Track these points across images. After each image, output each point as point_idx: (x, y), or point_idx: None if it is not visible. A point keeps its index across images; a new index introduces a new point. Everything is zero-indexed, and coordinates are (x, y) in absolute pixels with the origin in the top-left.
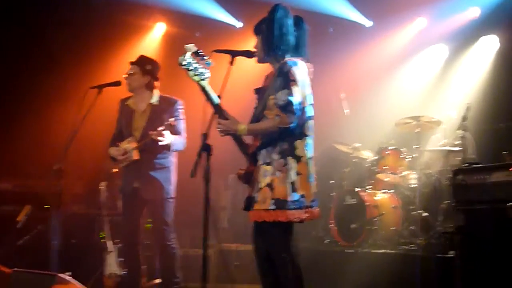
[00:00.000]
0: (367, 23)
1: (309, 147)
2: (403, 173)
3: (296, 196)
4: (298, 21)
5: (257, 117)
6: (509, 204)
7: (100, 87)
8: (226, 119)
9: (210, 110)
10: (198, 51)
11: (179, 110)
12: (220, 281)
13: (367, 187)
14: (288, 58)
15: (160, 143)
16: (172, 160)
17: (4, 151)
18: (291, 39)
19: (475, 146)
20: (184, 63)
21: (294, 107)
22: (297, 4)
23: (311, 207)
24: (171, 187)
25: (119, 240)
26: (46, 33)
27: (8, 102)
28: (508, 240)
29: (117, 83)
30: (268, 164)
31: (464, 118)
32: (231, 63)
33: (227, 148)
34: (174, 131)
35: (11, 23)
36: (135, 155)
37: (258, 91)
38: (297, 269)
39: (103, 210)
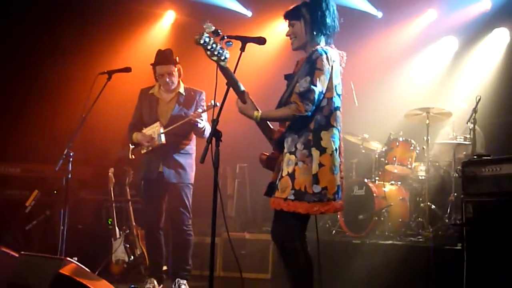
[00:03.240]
0: (378, 14)
1: (335, 139)
2: (412, 165)
3: (317, 189)
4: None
5: (284, 103)
6: None
7: (110, 73)
8: (245, 102)
9: (220, 97)
10: (218, 31)
11: (203, 100)
12: (226, 270)
13: (376, 178)
14: (320, 46)
15: (198, 125)
16: (194, 148)
17: (13, 136)
18: (335, 24)
19: (484, 138)
20: (201, 41)
21: (314, 95)
22: None
23: (333, 200)
24: (193, 173)
25: (125, 227)
26: (56, 20)
27: (17, 88)
28: None
29: (127, 69)
30: (292, 153)
31: (475, 111)
32: (242, 49)
33: (236, 137)
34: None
35: (21, 11)
36: (163, 139)
37: (287, 77)
38: (308, 260)
39: (111, 196)
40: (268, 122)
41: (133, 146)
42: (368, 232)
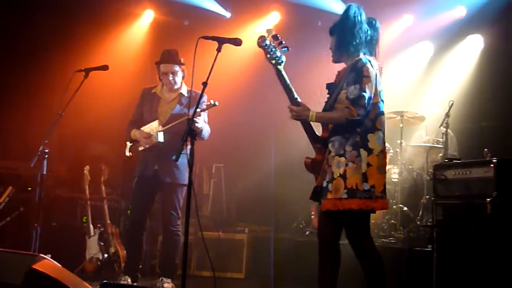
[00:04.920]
0: None
1: (380, 141)
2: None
3: (367, 186)
4: (371, 21)
5: (327, 110)
6: (488, 199)
7: (87, 70)
8: (298, 105)
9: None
10: (277, 36)
11: (205, 103)
12: (200, 269)
13: None
14: (362, 56)
15: (196, 124)
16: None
17: None
18: (363, 36)
19: (456, 142)
20: (263, 44)
21: (364, 101)
22: None
23: (381, 197)
24: (187, 174)
25: (100, 224)
26: (34, 16)
27: None
28: (485, 235)
29: (104, 67)
30: (341, 155)
31: (447, 115)
32: (219, 49)
33: (212, 137)
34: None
35: None
36: (161, 137)
37: (329, 86)
38: (377, 257)
39: (86, 194)
40: (313, 127)
41: (131, 143)
42: (342, 233)
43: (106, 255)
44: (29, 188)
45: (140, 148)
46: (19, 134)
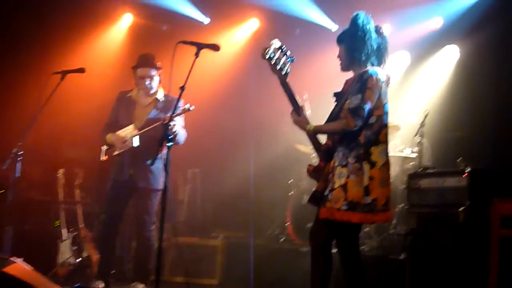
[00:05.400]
0: (333, 26)
1: (383, 154)
2: None
3: (368, 200)
4: (378, 29)
5: (334, 118)
6: (461, 208)
7: (64, 73)
8: (300, 115)
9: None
10: (282, 47)
11: (181, 108)
12: (174, 275)
13: None
14: (370, 67)
15: (172, 128)
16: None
17: None
18: (373, 44)
19: (431, 152)
20: (267, 56)
21: (363, 112)
22: (265, 4)
23: (382, 210)
24: (162, 179)
25: (73, 228)
26: (11, 17)
27: None
28: (458, 243)
29: (81, 70)
30: (343, 166)
31: (422, 125)
32: (197, 55)
33: (188, 143)
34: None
35: None
36: (136, 142)
37: (337, 94)
38: (360, 266)
39: (59, 197)
40: (316, 136)
41: (107, 147)
42: None
43: (79, 259)
44: (2, 191)
45: (115, 153)
46: None
